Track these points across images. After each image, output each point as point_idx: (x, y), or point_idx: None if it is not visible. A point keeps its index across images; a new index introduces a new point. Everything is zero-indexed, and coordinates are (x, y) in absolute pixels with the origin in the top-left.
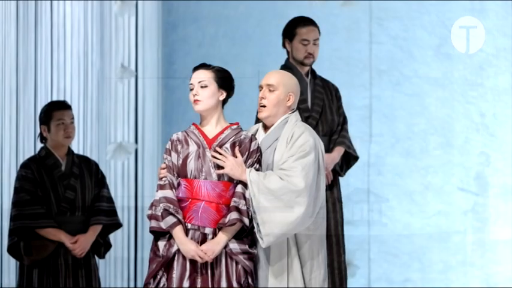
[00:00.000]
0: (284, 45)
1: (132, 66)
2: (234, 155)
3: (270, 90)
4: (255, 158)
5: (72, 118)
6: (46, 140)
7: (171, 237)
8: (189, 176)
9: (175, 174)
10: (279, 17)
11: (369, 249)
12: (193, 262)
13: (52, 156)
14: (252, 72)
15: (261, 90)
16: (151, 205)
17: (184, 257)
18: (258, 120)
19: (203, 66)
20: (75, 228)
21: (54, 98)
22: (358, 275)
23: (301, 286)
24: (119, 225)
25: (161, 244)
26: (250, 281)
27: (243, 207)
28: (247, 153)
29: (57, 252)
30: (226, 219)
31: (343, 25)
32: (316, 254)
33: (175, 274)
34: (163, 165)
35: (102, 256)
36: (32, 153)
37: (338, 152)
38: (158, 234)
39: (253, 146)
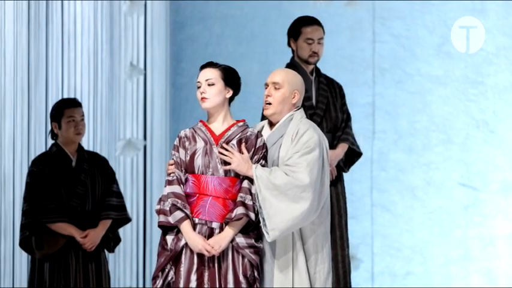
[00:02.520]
0: (289, 44)
1: (140, 65)
2: (241, 152)
3: (275, 88)
4: (261, 154)
5: (83, 115)
6: (57, 136)
7: (179, 231)
8: (196, 171)
9: (183, 170)
10: (284, 17)
11: (372, 243)
12: (200, 256)
13: (63, 153)
14: (258, 71)
15: (266, 88)
16: (160, 200)
17: (191, 251)
18: (263, 118)
19: (210, 64)
20: (86, 223)
21: (65, 96)
22: (362, 268)
23: (306, 279)
24: (128, 220)
25: (169, 238)
26: (256, 274)
27: (249, 202)
28: (253, 149)
29: (67, 246)
30: (233, 214)
31: (347, 24)
32: (320, 248)
33: (183, 267)
34: (171, 161)
35: (111, 250)
36: (43, 150)
37: (342, 148)
38: (166, 228)
39: (259, 143)
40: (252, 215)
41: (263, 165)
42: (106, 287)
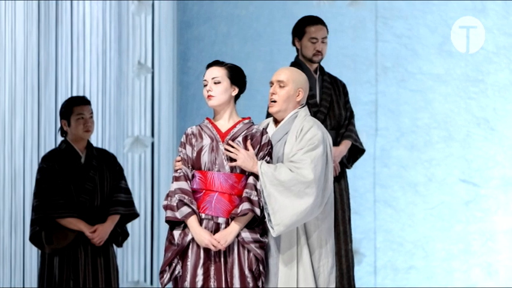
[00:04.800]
0: (294, 43)
1: (148, 63)
2: (246, 148)
3: (280, 86)
4: (266, 151)
5: (92, 113)
6: (66, 133)
7: (185, 226)
8: (203, 168)
9: (190, 167)
10: (289, 17)
11: (374, 238)
12: (207, 250)
13: (72, 149)
14: (263, 69)
15: (271, 86)
16: (167, 196)
17: (198, 246)
18: (268, 115)
19: (216, 63)
20: (94, 218)
21: (74, 94)
22: (365, 262)
23: (310, 273)
24: (136, 215)
25: (176, 233)
26: (261, 268)
27: (254, 198)
28: (258, 146)
29: (77, 241)
30: (239, 210)
31: (350, 24)
32: (324, 242)
33: (189, 262)
34: (179, 158)
35: (120, 245)
36: (53, 147)
37: (345, 145)
38: (173, 223)
39: (264, 140)
40: (258, 211)
41: (268, 162)
42: (114, 281)
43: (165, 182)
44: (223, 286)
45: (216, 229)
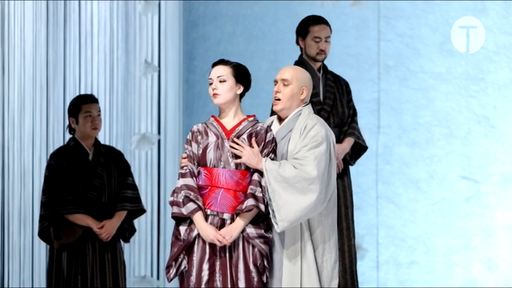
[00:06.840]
0: (297, 43)
1: (155, 62)
2: (251, 146)
3: (284, 85)
4: (271, 148)
5: (99, 111)
6: (74, 131)
7: (191, 222)
8: (208, 165)
9: (196, 163)
10: (293, 16)
11: (377, 233)
12: (212, 246)
13: (80, 147)
14: (268, 68)
15: (276, 85)
16: (173, 192)
17: (204, 241)
18: (273, 113)
19: (222, 62)
20: (102, 214)
21: (82, 92)
22: (367, 258)
23: (314, 268)
24: (142, 211)
25: (182, 229)
26: (265, 263)
27: (259, 194)
28: (263, 143)
29: (84, 236)
30: (244, 206)
31: (353, 23)
32: (327, 238)
33: (195, 257)
34: (185, 155)
35: (127, 240)
36: (61, 144)
37: (348, 142)
38: (179, 219)
39: (269, 137)
40: (262, 207)
41: (272, 159)
42: (121, 276)
43: (171, 179)
44: (229, 281)
45: (221, 225)
